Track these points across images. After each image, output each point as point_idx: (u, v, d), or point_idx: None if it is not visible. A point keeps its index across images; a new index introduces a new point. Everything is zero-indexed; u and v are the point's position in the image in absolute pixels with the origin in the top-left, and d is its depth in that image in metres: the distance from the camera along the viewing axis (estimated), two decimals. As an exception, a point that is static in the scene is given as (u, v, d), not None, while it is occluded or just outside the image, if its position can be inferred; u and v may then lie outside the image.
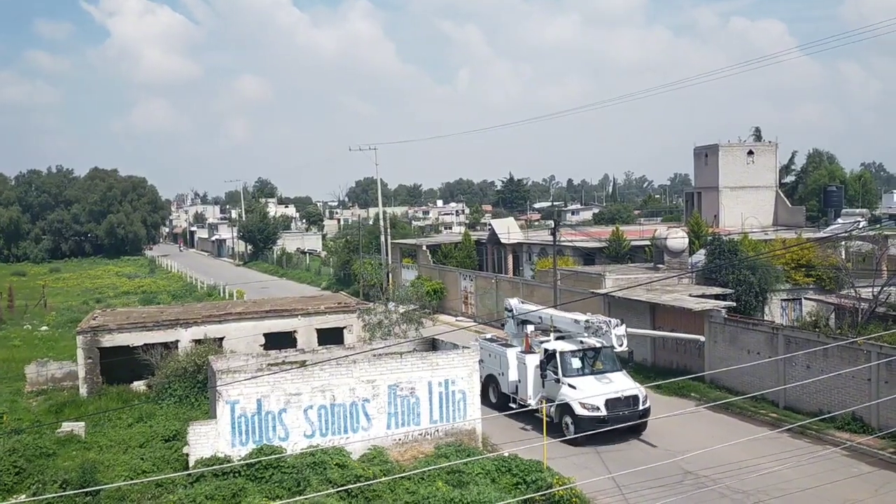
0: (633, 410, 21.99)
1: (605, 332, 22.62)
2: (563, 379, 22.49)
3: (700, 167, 61.86)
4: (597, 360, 23.30)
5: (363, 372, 20.14)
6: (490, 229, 58.04)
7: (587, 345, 23.46)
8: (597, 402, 21.45)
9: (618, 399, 21.83)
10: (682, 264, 36.16)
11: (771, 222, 57.18)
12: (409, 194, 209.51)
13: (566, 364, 22.89)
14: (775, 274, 32.64)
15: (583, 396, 21.60)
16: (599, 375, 22.69)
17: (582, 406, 21.56)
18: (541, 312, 25.83)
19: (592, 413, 21.52)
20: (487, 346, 26.07)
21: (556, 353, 22.98)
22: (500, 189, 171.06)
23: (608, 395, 21.67)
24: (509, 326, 26.96)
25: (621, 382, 22.57)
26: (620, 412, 21.71)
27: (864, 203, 71.98)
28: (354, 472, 17.86)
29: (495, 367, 25.16)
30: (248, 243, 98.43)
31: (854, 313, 27.60)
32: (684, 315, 29.50)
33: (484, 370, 24.37)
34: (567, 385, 22.33)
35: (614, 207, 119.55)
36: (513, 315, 26.85)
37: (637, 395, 22.18)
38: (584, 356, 23.25)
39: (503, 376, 24.75)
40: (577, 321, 23.68)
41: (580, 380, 22.42)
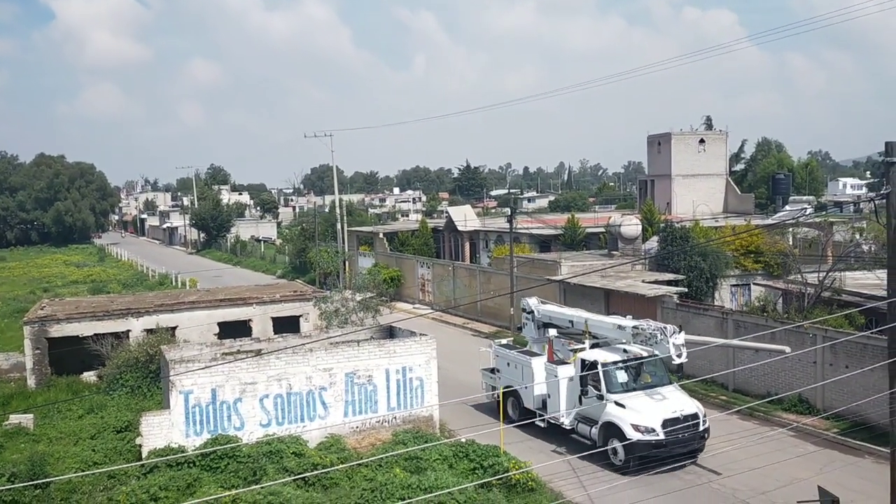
0: (693, 432, 18.79)
1: (660, 342, 18.87)
2: (609, 396, 19.10)
3: (653, 155, 62.80)
4: (644, 373, 20.01)
5: (320, 360, 20.05)
6: (447, 217, 58.12)
7: (632, 354, 20.00)
8: (652, 423, 18.35)
9: (676, 419, 18.58)
10: (635, 251, 36.72)
11: (721, 209, 58.39)
12: (365, 182, 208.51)
13: (610, 378, 19.39)
14: (725, 260, 33.38)
15: (635, 417, 18.45)
16: (650, 391, 19.38)
17: (634, 428, 18.28)
18: (571, 315, 22.58)
19: (648, 437, 18.26)
20: (506, 353, 23.07)
21: (597, 365, 19.46)
22: (456, 177, 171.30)
23: (665, 414, 18.54)
24: (528, 330, 24.32)
25: (677, 399, 19.32)
26: (680, 434, 18.51)
27: (811, 190, 74.02)
28: (311, 460, 17.80)
29: (516, 378, 22.13)
30: (200, 231, 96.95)
31: (800, 298, 28.37)
32: (638, 301, 30.00)
33: (500, 381, 22.62)
34: (613, 403, 18.98)
35: (570, 195, 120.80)
36: (532, 317, 24.00)
37: (697, 413, 19.06)
38: (630, 368, 19.87)
39: (527, 389, 21.63)
40: (622, 327, 20.14)
41: (629, 396, 19.08)
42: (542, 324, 23.52)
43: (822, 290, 27.80)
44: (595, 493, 17.36)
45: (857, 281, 28.84)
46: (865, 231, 36.53)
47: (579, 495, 17.49)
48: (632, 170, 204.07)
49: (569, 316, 22.61)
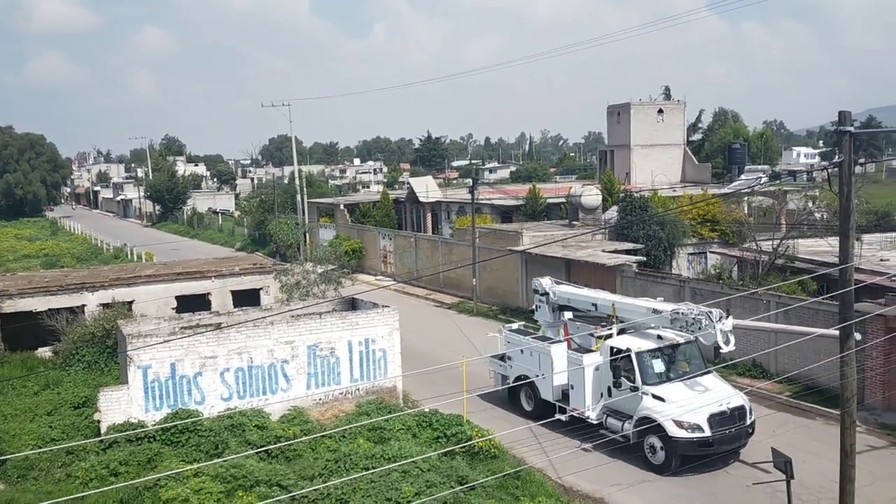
0: (741, 427, 17.08)
1: (705, 328, 16.91)
2: (645, 388, 17.35)
3: (613, 125, 63.12)
4: (681, 360, 18.22)
5: (281, 333, 19.91)
6: (408, 188, 57.84)
7: (668, 340, 18.21)
8: (697, 418, 16.53)
9: (723, 414, 16.83)
10: (595, 221, 37.03)
11: (679, 179, 59.08)
12: (325, 152, 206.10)
13: (646, 367, 17.59)
14: (683, 229, 33.87)
15: (678, 412, 16.57)
16: (689, 381, 17.61)
17: (677, 425, 16.55)
18: (593, 297, 20.76)
19: (693, 434, 16.51)
20: (519, 340, 20.99)
21: (630, 354, 17.68)
22: (417, 147, 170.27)
23: (711, 408, 16.75)
24: (542, 314, 22.52)
25: (720, 389, 17.61)
26: (727, 430, 16.77)
27: (766, 160, 75.25)
28: (274, 433, 17.75)
29: (531, 366, 20.22)
30: (156, 203, 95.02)
31: (755, 265, 28.97)
32: (598, 270, 30.33)
33: (512, 370, 20.95)
34: (651, 396, 17.23)
35: (531, 165, 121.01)
36: (546, 300, 22.14)
37: (744, 405, 17.39)
38: (667, 356, 18.08)
39: (545, 379, 19.74)
40: (659, 311, 18.29)
41: (667, 388, 17.31)
42: (556, 306, 21.83)
43: (776, 257, 28.40)
44: (556, 459, 17.64)
45: (809, 248, 29.51)
46: (818, 199, 37.32)
47: (541, 461, 17.75)
48: (592, 140, 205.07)
49: (591, 298, 20.65)
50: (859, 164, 10.61)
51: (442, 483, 14.75)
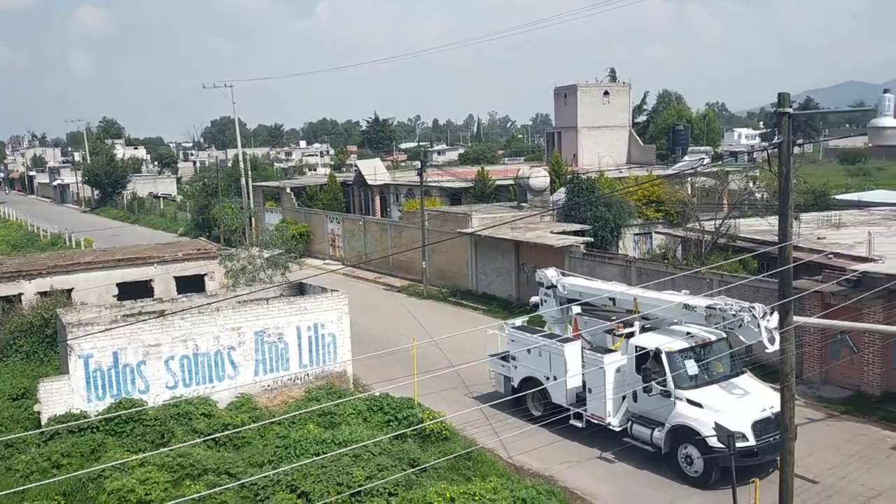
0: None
1: (746, 325, 15.15)
2: (679, 392, 15.80)
3: (560, 107, 63.54)
4: (714, 360, 16.69)
5: (227, 319, 19.58)
6: (356, 170, 57.38)
7: (700, 338, 16.61)
8: (741, 426, 14.93)
9: (767, 420, 15.26)
10: (543, 202, 37.31)
11: (625, 160, 59.88)
12: (270, 135, 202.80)
13: (678, 369, 15.97)
14: (629, 210, 34.39)
15: (719, 420, 14.70)
16: (724, 383, 16.17)
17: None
18: (609, 290, 18.87)
19: (737, 444, 14.37)
20: (525, 338, 19.15)
21: (660, 354, 16.14)
22: (365, 129, 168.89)
23: (754, 414, 15.28)
24: (548, 308, 20.71)
25: (760, 393, 16.14)
26: (772, 438, 14.96)
27: (708, 141, 76.68)
28: (222, 420, 17.49)
29: (541, 367, 18.54)
30: (94, 188, 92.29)
31: (698, 245, 29.58)
32: (546, 251, 30.60)
33: (518, 371, 19.30)
34: (685, 401, 15.67)
35: (479, 147, 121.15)
36: (554, 293, 20.32)
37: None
38: (699, 356, 16.46)
39: (556, 381, 18.17)
40: (692, 308, 16.36)
41: (704, 392, 15.73)
42: (565, 300, 20.02)
43: (719, 236, 29.04)
44: (507, 439, 17.80)
45: (750, 227, 30.23)
46: (758, 179, 38.19)
47: (492, 442, 17.90)
48: (540, 122, 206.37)
49: (606, 291, 18.81)
50: (798, 144, 10.85)
51: (393, 466, 14.74)
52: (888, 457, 16.33)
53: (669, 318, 17.29)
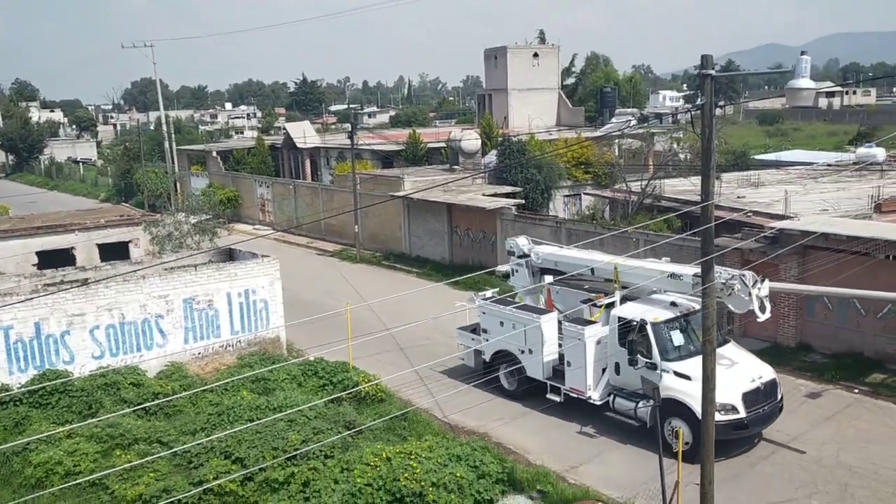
0: (773, 404, 15.37)
1: (736, 294, 14.73)
2: (665, 364, 15.22)
3: (490, 69, 63.43)
4: (699, 330, 15.05)
5: (154, 287, 19.14)
6: (285, 133, 56.29)
7: (684, 308, 15.95)
8: (731, 398, 14.58)
9: (757, 391, 15.02)
10: (475, 165, 37.42)
11: (555, 123, 60.42)
12: (193, 97, 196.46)
13: (664, 341, 15.41)
14: (558, 172, 34.84)
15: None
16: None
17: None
18: (588, 260, 17.92)
19: (727, 417, 14.46)
20: (497, 310, 18.28)
21: (645, 326, 15.45)
22: (293, 91, 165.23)
23: (744, 385, 14.90)
24: (520, 278, 19.76)
25: (748, 363, 15.78)
26: (762, 409, 14.98)
27: (635, 103, 78.06)
28: (151, 389, 17.21)
29: (515, 340, 17.66)
30: (8, 153, 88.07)
31: (625, 205, 30.26)
32: (478, 214, 30.81)
33: (489, 345, 18.44)
34: (672, 374, 15.11)
35: (410, 110, 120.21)
36: (526, 263, 19.44)
37: (775, 379, 15.67)
38: (684, 326, 15.85)
39: (532, 355, 17.42)
40: (678, 276, 15.69)
41: (691, 363, 14.85)
42: (537, 270, 19.31)
43: (645, 197, 29.75)
44: (442, 399, 18.07)
45: (674, 187, 31.06)
46: (682, 141, 39.16)
47: (427, 402, 18.14)
48: (470, 84, 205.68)
49: (585, 261, 17.92)
50: (719, 106, 11.15)
51: (329, 429, 14.80)
52: (802, 404, 17.27)
53: (650, 288, 16.53)
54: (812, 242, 19.13)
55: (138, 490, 13.34)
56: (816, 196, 27.57)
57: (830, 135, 78.55)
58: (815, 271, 18.67)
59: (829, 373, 18.81)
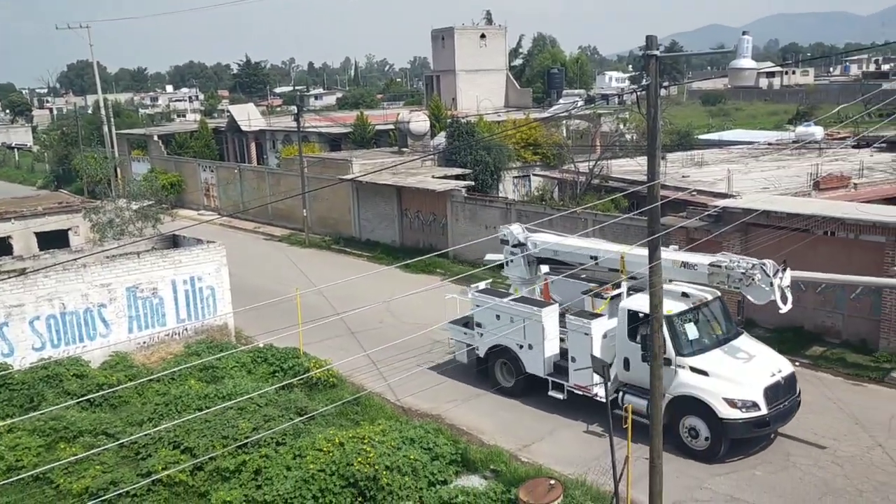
0: (793, 399, 14.62)
1: (757, 284, 14.10)
2: (680, 360, 14.43)
3: (438, 50, 63.15)
4: (713, 322, 15.33)
5: (96, 276, 18.61)
6: (229, 116, 55.22)
7: (697, 299, 15.20)
8: (752, 394, 13.90)
9: (777, 386, 14.28)
10: (424, 147, 37.28)
11: (503, 104, 60.54)
12: (133, 79, 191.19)
13: (678, 334, 14.58)
14: (507, 153, 34.94)
15: (728, 389, 13.93)
16: (726, 346, 14.91)
17: (730, 404, 13.81)
18: (590, 248, 16.80)
19: (748, 414, 13.82)
20: (493, 303, 17.25)
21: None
22: (236, 73, 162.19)
23: (764, 380, 14.18)
24: (514, 269, 18.69)
25: (766, 356, 15.05)
26: (782, 405, 14.25)
27: (582, 84, 78.59)
28: (95, 380, 16.78)
29: (513, 334, 16.69)
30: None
31: (574, 186, 30.55)
32: (428, 196, 30.73)
33: (484, 339, 17.52)
34: (688, 369, 14.36)
35: (357, 92, 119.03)
36: (523, 251, 18.31)
37: (793, 373, 14.97)
38: (699, 318, 15.07)
39: (531, 350, 16.48)
40: (693, 265, 14.95)
41: (707, 358, 14.44)
42: (534, 259, 18.36)
43: (592, 177, 30.07)
44: (394, 383, 18.03)
45: (621, 167, 31.46)
46: (628, 121, 39.65)
47: (380, 386, 18.08)
48: (418, 65, 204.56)
49: (587, 249, 16.83)
50: (664, 87, 11.27)
51: (280, 416, 14.64)
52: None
53: (682, 279, 15.59)
54: (754, 220, 19.58)
55: (84, 483, 13.02)
56: (758, 175, 28.24)
57: (771, 114, 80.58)
58: (757, 248, 19.12)
59: (772, 346, 19.34)
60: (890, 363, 17.81)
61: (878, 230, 18.29)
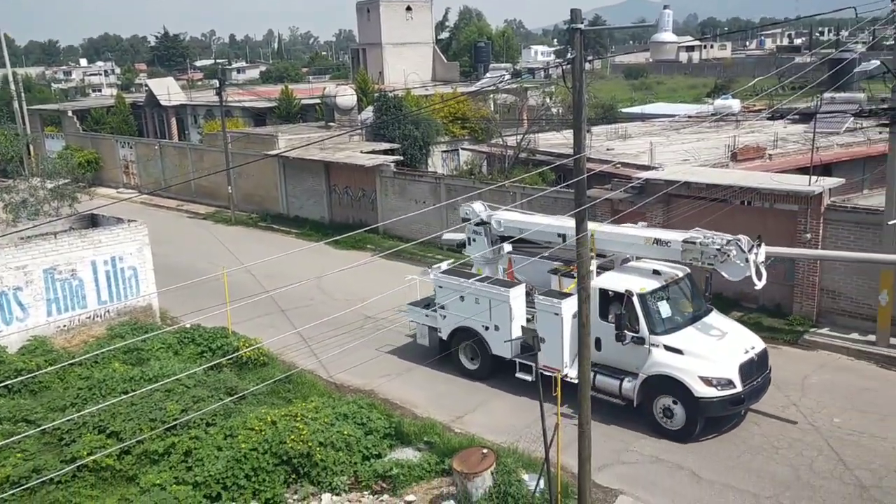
0: (765, 376, 14.62)
1: (731, 260, 14.02)
2: (654, 338, 14.29)
3: (363, 23, 62.32)
4: (684, 299, 15.25)
5: (10, 258, 17.83)
6: (147, 91, 53.38)
7: (668, 276, 15.11)
8: (727, 372, 13.79)
9: (751, 362, 14.23)
10: (352, 122, 36.86)
11: (430, 78, 60.28)
12: (44, 52, 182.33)
13: (651, 313, 14.45)
14: (436, 127, 34.88)
15: (704, 367, 13.80)
16: (699, 324, 14.80)
17: (706, 383, 13.66)
18: (560, 226, 15.99)
19: (724, 392, 13.69)
20: (457, 284, 16.66)
21: (632, 297, 14.39)
22: (154, 45, 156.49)
23: (738, 357, 14.10)
24: (477, 248, 18.18)
25: (737, 332, 15.01)
26: (755, 382, 14.21)
27: (508, 58, 78.97)
28: (13, 366, 16.14)
29: (479, 316, 16.38)
30: None
31: (502, 160, 30.78)
32: (357, 171, 30.47)
33: (447, 321, 17.04)
34: (663, 348, 14.22)
35: (282, 65, 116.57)
36: (486, 231, 17.88)
37: (766, 349, 14.93)
38: (671, 296, 14.96)
39: (497, 331, 16.07)
40: (666, 242, 14.79)
41: (681, 336, 14.34)
42: (497, 238, 17.81)
43: (520, 151, 30.36)
44: (326, 359, 17.97)
45: (548, 141, 31.86)
46: (554, 95, 40.07)
47: (312, 363, 17.99)
48: (344, 38, 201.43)
49: (555, 227, 16.27)
50: (588, 61, 11.41)
51: (210, 397, 14.41)
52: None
53: (624, 255, 15.86)
54: (676, 191, 20.16)
55: (5, 472, 12.55)
56: (679, 147, 29.06)
57: (691, 88, 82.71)
58: (679, 218, 19.73)
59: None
60: (803, 326, 18.73)
61: (791, 199, 19.10)
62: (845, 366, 17.02)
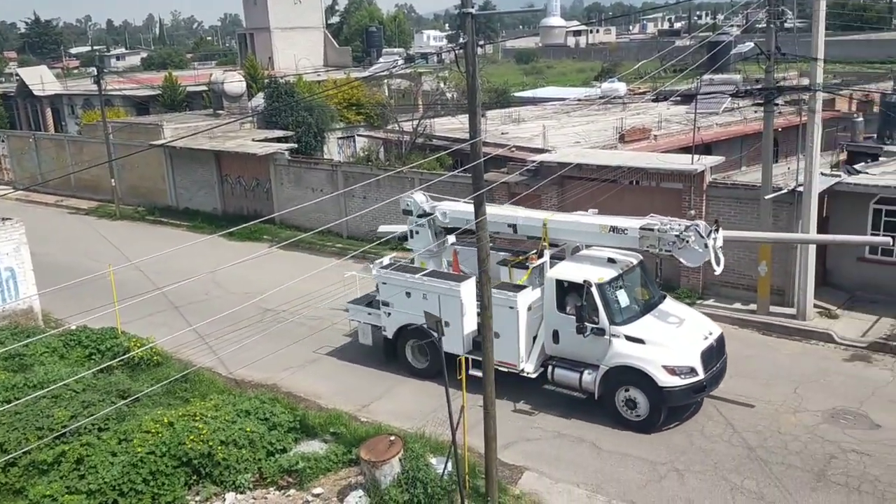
0: (723, 361, 14.59)
1: (690, 246, 13.81)
2: (614, 328, 14.04)
3: (249, 7, 60.46)
4: (639, 287, 15.12)
5: None
6: (19, 80, 50.21)
7: (623, 264, 14.86)
8: (690, 360, 13.67)
9: (711, 349, 14.15)
10: (242, 109, 35.80)
11: (322, 63, 59.22)
12: None
13: (610, 303, 14.18)
14: (330, 114, 34.36)
15: (666, 356, 13.66)
16: (656, 312, 14.68)
17: (669, 372, 13.52)
18: (508, 216, 15.75)
19: (687, 380, 13.58)
20: (402, 279, 15.98)
21: (590, 287, 14.12)
22: (24, 32, 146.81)
23: (699, 345, 14.00)
24: (420, 240, 17.41)
25: (693, 318, 14.93)
26: (714, 368, 14.11)
27: (401, 43, 78.65)
28: None
29: (429, 311, 14.27)
30: None
31: (399, 146, 30.67)
32: (250, 160, 29.67)
33: (392, 319, 16.29)
34: (624, 338, 13.99)
35: (164, 51, 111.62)
36: (429, 223, 17.20)
37: (722, 334, 14.91)
38: (627, 284, 14.73)
39: (448, 327, 14.54)
40: (623, 230, 14.40)
41: (641, 325, 14.18)
42: (441, 230, 17.20)
43: (417, 136, 30.33)
44: (225, 356, 17.46)
45: (444, 126, 31.96)
46: (448, 80, 40.23)
47: (210, 360, 17.44)
48: (230, 23, 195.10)
49: (504, 217, 15.77)
50: (480, 45, 11.48)
51: (101, 401, 13.73)
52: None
53: (575, 244, 15.60)
54: (568, 173, 20.66)
55: None
56: (570, 129, 29.79)
57: (579, 72, 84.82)
58: (572, 199, 20.24)
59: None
60: (690, 298, 19.64)
61: (675, 177, 19.95)
62: (730, 334, 17.87)
